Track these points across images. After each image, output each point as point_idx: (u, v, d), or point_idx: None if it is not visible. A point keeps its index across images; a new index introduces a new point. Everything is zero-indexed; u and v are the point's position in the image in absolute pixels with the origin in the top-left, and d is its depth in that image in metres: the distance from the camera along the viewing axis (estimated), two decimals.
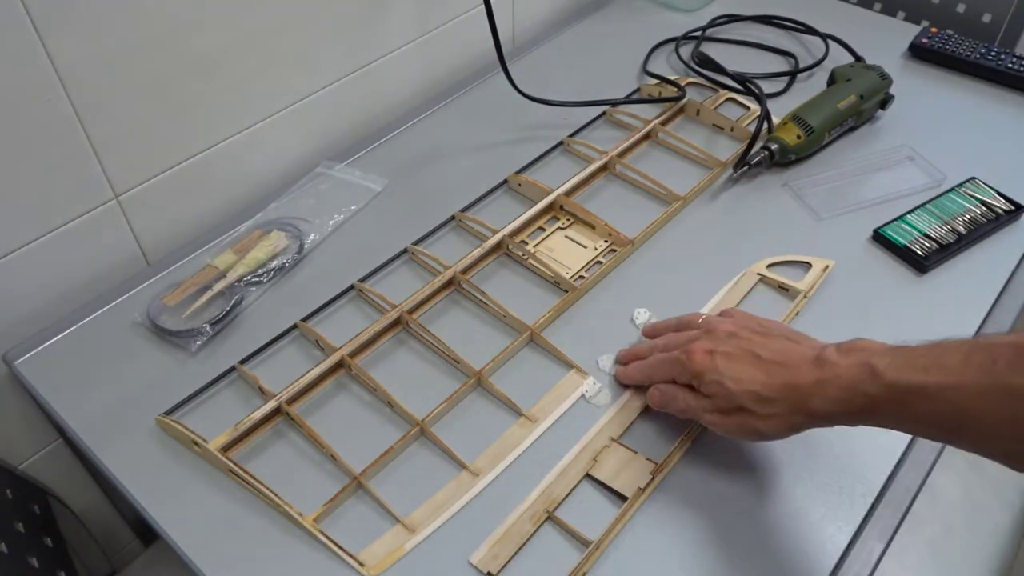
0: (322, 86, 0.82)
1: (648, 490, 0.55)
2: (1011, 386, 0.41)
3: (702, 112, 0.87)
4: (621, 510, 0.54)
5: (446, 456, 0.58)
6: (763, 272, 0.70)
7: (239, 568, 0.52)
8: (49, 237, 0.67)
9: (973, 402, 0.42)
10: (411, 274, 0.72)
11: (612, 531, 0.53)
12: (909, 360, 0.45)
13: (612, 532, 0.53)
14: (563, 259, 0.72)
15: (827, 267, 0.69)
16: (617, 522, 0.53)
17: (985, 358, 0.42)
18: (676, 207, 0.76)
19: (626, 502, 0.54)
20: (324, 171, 0.82)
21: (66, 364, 0.65)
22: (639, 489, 0.55)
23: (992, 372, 0.41)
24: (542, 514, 0.54)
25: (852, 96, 0.82)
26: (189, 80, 0.70)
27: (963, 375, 0.42)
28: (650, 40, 0.99)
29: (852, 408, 0.47)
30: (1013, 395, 0.40)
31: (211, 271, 0.70)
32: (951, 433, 0.44)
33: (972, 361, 0.42)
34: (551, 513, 0.54)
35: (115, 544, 0.86)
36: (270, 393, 0.60)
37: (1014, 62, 0.90)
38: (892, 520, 0.54)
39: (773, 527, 0.54)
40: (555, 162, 0.83)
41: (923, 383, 0.43)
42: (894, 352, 0.46)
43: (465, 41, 0.95)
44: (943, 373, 0.43)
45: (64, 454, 0.76)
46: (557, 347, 0.64)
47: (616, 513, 0.54)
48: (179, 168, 0.73)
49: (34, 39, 0.59)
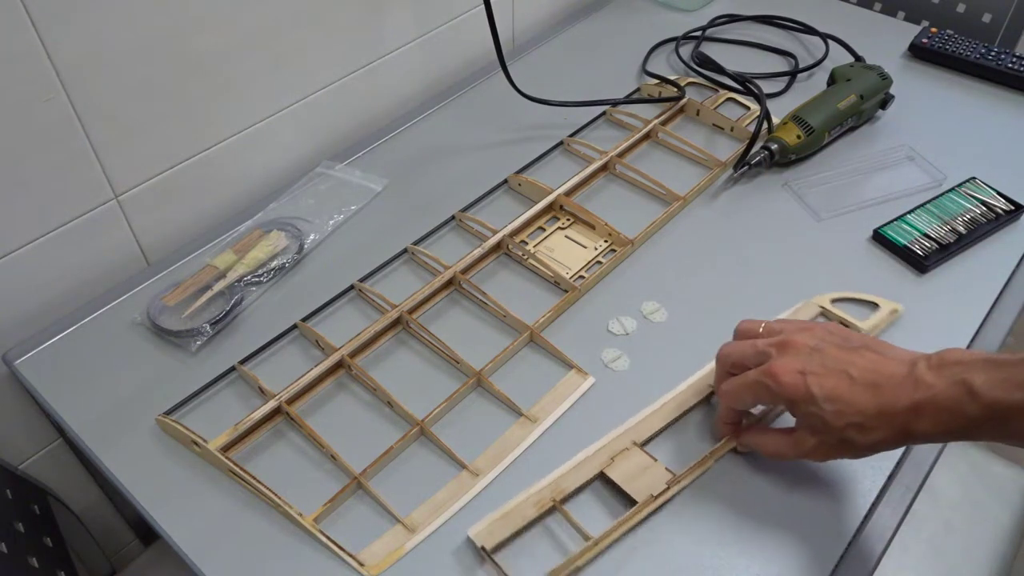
0: (322, 86, 0.82)
1: (659, 500, 0.54)
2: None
3: (702, 112, 0.87)
4: (628, 513, 0.53)
5: (446, 456, 0.58)
6: (826, 306, 0.66)
7: (239, 568, 0.52)
8: (49, 237, 0.67)
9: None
10: (411, 274, 0.72)
11: (615, 532, 0.53)
12: (1007, 377, 0.43)
13: (614, 532, 0.53)
14: (563, 259, 0.72)
15: (895, 311, 0.66)
16: (622, 524, 0.53)
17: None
18: (676, 207, 0.76)
19: (634, 507, 0.54)
20: (324, 171, 0.82)
21: (66, 364, 0.65)
22: (651, 496, 0.54)
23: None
24: (548, 502, 0.54)
25: (852, 96, 0.82)
26: (189, 80, 0.70)
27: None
28: (650, 40, 0.99)
29: (952, 428, 0.45)
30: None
31: (211, 271, 0.70)
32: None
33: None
34: (557, 503, 0.54)
35: (115, 544, 0.86)
36: (270, 393, 0.60)
37: (1014, 62, 0.90)
38: (892, 520, 0.54)
39: (773, 527, 0.54)
40: (555, 162, 0.83)
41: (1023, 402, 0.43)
42: (989, 366, 0.44)
43: (465, 41, 0.95)
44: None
45: (64, 454, 0.76)
46: (557, 347, 0.64)
47: (623, 516, 0.53)
48: (179, 168, 0.73)
49: (34, 39, 0.59)
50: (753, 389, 0.52)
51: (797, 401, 0.49)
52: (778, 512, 0.54)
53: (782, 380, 0.49)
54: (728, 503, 0.55)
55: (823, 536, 0.53)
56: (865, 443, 0.48)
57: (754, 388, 0.52)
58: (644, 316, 0.67)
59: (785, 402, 0.50)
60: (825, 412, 0.48)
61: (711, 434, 0.59)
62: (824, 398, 0.48)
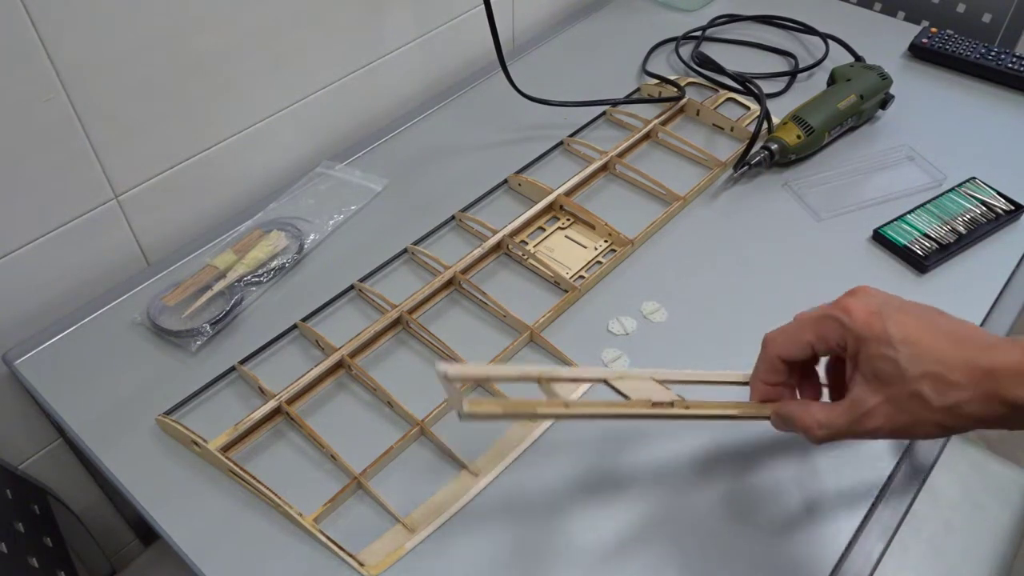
0: (322, 86, 0.82)
1: (657, 409, 0.48)
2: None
3: (702, 112, 0.87)
4: (618, 402, 0.47)
5: (446, 456, 0.58)
6: None
7: (239, 568, 0.52)
8: (49, 237, 0.67)
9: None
10: (411, 274, 0.72)
11: (592, 407, 0.47)
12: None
13: (592, 408, 0.47)
14: (563, 259, 0.72)
15: None
16: (604, 406, 0.47)
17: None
18: (676, 207, 0.76)
19: (627, 400, 0.48)
20: (324, 171, 0.82)
21: (66, 364, 0.65)
22: (649, 401, 0.48)
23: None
24: (534, 374, 0.47)
25: (852, 96, 0.82)
26: (189, 80, 0.70)
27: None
28: (650, 40, 0.99)
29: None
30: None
31: (211, 271, 0.70)
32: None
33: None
34: (543, 379, 0.47)
35: (115, 544, 0.86)
36: (270, 393, 0.60)
37: (1014, 62, 0.90)
38: (892, 520, 0.54)
39: (773, 527, 0.54)
40: (555, 162, 0.83)
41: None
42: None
43: (465, 41, 0.95)
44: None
45: (64, 454, 0.76)
46: (557, 347, 0.64)
47: (617, 404, 0.48)
48: (179, 168, 0.73)
49: (34, 39, 0.59)
50: (816, 325, 0.45)
51: (868, 340, 0.42)
52: (778, 512, 0.54)
53: (855, 313, 0.43)
54: (728, 503, 0.55)
55: (823, 536, 0.53)
56: (942, 403, 0.40)
57: (817, 323, 0.45)
58: (644, 316, 0.67)
59: (853, 341, 0.43)
60: (900, 354, 0.41)
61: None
62: (901, 339, 0.41)
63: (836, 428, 0.44)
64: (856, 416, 0.43)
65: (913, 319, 0.42)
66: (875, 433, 0.43)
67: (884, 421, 0.42)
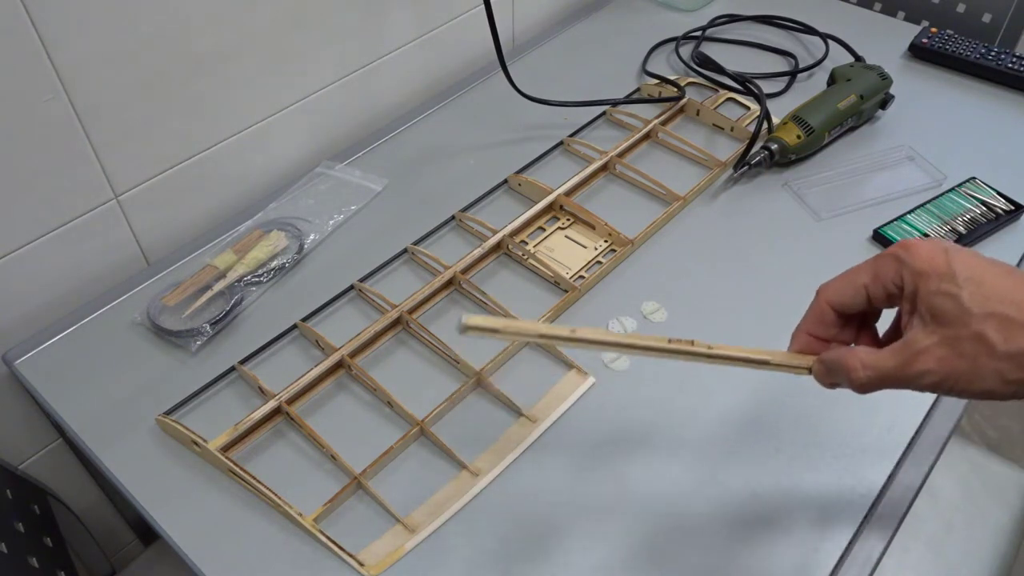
0: (322, 86, 0.82)
1: (675, 345, 0.44)
2: None
3: (702, 112, 0.87)
4: (631, 335, 0.45)
5: (446, 456, 0.58)
6: None
7: (239, 568, 0.52)
8: (49, 237, 0.67)
9: None
10: (411, 274, 0.72)
11: (601, 336, 0.44)
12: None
13: (601, 336, 0.44)
14: (563, 259, 0.72)
15: None
16: (615, 337, 0.44)
17: None
18: (676, 207, 0.76)
19: (640, 335, 0.45)
20: (324, 171, 0.82)
21: (66, 364, 0.65)
22: (667, 339, 0.44)
23: None
24: (564, 332, 0.44)
25: (852, 96, 0.82)
26: (189, 80, 0.70)
27: None
28: (650, 40, 0.99)
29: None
30: None
31: (211, 271, 0.70)
32: None
33: None
34: (573, 336, 0.44)
35: (115, 544, 0.86)
36: (270, 393, 0.60)
37: (1014, 62, 0.90)
38: (892, 520, 0.54)
39: (773, 526, 0.54)
40: (555, 162, 0.83)
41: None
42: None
43: (465, 41, 0.95)
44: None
45: (64, 454, 0.76)
46: (557, 347, 0.64)
47: (627, 336, 0.45)
48: (179, 168, 0.73)
49: (34, 39, 0.59)
50: (871, 264, 0.42)
51: (928, 275, 0.38)
52: (778, 512, 0.54)
53: (915, 249, 0.39)
54: (728, 503, 0.55)
55: (823, 536, 0.53)
56: (1008, 349, 0.36)
57: (873, 263, 0.42)
58: (644, 316, 0.67)
59: (911, 277, 0.39)
60: (963, 292, 0.37)
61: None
62: (966, 276, 0.37)
63: (882, 370, 0.39)
64: (906, 357, 0.38)
65: (980, 259, 0.38)
66: (924, 377, 0.38)
67: (936, 365, 0.37)
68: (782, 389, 0.62)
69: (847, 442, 0.58)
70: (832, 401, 0.60)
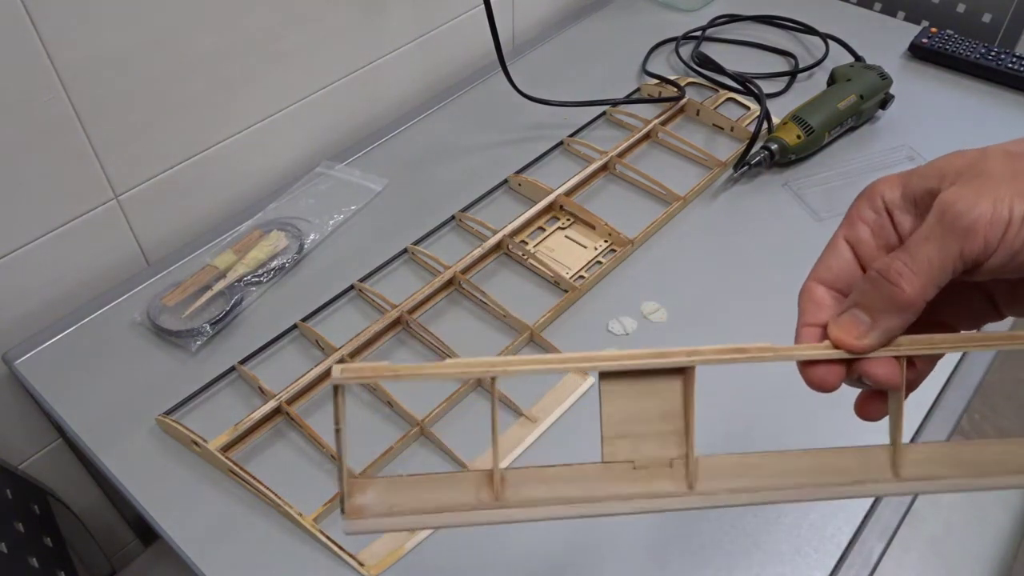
0: (322, 86, 0.82)
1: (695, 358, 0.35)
2: None
3: (702, 112, 0.87)
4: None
5: (446, 456, 0.58)
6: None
7: (239, 568, 0.52)
8: (49, 237, 0.67)
9: None
10: (411, 274, 0.72)
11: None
12: None
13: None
14: (563, 259, 0.72)
15: None
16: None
17: None
18: (676, 207, 0.76)
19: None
20: (324, 171, 0.82)
21: (66, 364, 0.65)
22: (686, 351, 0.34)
23: None
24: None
25: (852, 96, 0.82)
26: (189, 80, 0.70)
27: None
28: (650, 40, 0.99)
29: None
30: None
31: (211, 271, 0.70)
32: None
33: None
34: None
35: (115, 544, 0.86)
36: (270, 393, 0.60)
37: (1014, 62, 0.90)
38: (892, 520, 0.54)
39: (773, 526, 0.54)
40: (555, 162, 0.83)
41: None
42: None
43: (465, 41, 0.95)
44: None
45: (64, 454, 0.76)
46: (557, 347, 0.64)
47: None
48: (179, 168, 0.73)
49: (34, 39, 0.59)
50: (847, 217, 0.37)
51: (911, 177, 0.33)
52: (778, 511, 0.55)
53: (877, 183, 0.36)
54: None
55: (823, 536, 0.53)
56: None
57: (848, 215, 0.37)
58: (644, 316, 0.67)
59: (897, 188, 0.35)
60: (966, 155, 0.31)
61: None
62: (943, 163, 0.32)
63: (923, 255, 0.31)
64: (948, 220, 0.30)
65: None
66: (977, 226, 0.29)
67: (975, 196, 0.29)
68: (782, 389, 0.62)
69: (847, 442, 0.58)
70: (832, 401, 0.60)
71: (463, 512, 0.32)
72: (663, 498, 0.33)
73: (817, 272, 0.39)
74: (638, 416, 0.33)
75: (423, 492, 0.32)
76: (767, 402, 0.60)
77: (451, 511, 0.32)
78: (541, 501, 0.32)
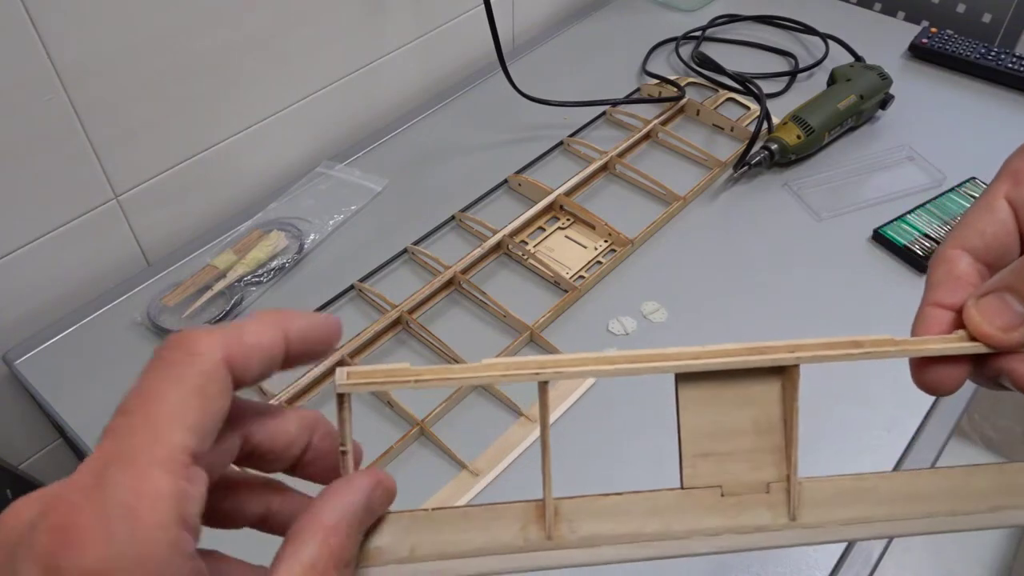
0: (322, 86, 0.82)
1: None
2: None
3: (702, 112, 0.87)
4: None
5: (446, 456, 0.58)
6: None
7: None
8: (49, 237, 0.67)
9: None
10: (411, 274, 0.72)
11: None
12: None
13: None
14: (563, 259, 0.72)
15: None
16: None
17: None
18: (676, 207, 0.76)
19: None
20: (324, 171, 0.82)
21: (66, 364, 0.65)
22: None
23: None
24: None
25: (852, 96, 0.82)
26: (189, 80, 0.70)
27: None
28: (650, 40, 0.99)
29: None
30: None
31: (211, 271, 0.70)
32: None
33: None
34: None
35: None
36: (270, 393, 0.60)
37: (1014, 62, 0.90)
38: None
39: None
40: (555, 162, 0.83)
41: None
42: None
43: (465, 41, 0.95)
44: None
45: (64, 454, 0.76)
46: (557, 347, 0.64)
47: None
48: (179, 168, 0.73)
49: (34, 39, 0.59)
50: (1010, 167, 0.32)
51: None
52: None
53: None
54: None
55: None
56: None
57: (1011, 165, 0.32)
58: (644, 316, 0.67)
59: None
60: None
61: None
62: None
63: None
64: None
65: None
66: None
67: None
68: None
69: (847, 439, 0.58)
70: (832, 401, 0.60)
71: (506, 555, 0.26)
72: (759, 533, 0.27)
73: (964, 236, 0.29)
74: (727, 429, 0.27)
75: (454, 530, 0.27)
76: None
77: (491, 554, 0.26)
78: (606, 539, 0.26)
